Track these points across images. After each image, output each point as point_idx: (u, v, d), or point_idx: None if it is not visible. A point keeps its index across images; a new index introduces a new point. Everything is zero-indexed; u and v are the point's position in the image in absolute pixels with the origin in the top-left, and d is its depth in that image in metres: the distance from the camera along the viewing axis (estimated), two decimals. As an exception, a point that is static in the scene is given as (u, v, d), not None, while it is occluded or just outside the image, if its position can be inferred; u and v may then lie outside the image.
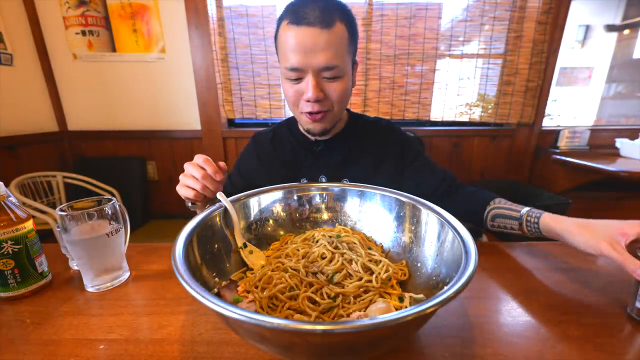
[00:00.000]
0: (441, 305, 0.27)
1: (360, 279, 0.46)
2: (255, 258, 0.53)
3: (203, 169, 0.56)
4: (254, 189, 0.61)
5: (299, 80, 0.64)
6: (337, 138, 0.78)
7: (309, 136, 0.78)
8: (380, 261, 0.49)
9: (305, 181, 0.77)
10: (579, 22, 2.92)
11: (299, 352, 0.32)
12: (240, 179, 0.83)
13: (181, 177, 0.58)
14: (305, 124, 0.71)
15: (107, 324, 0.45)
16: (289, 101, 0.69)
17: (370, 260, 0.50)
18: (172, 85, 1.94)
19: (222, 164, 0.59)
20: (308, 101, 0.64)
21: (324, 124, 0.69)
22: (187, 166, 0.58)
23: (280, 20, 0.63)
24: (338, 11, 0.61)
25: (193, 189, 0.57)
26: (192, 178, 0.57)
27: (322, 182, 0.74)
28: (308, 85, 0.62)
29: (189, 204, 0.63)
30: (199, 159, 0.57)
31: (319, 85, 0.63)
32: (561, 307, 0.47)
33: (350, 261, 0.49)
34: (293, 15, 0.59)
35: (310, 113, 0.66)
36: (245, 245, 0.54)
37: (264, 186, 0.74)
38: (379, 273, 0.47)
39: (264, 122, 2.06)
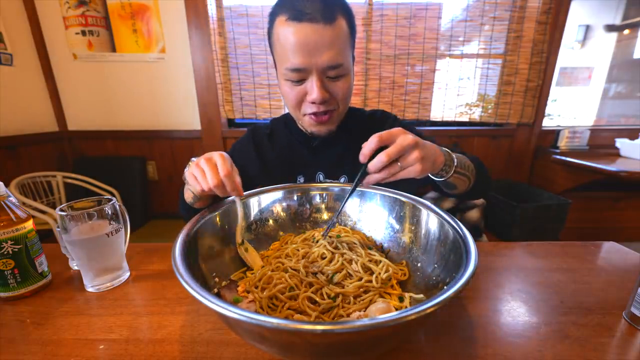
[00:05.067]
0: (441, 306, 0.27)
1: (360, 279, 0.46)
2: (251, 256, 0.53)
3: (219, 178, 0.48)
4: (246, 180, 0.54)
5: (300, 81, 0.60)
6: (334, 133, 0.73)
7: (306, 131, 0.74)
8: (380, 261, 0.49)
9: (302, 178, 0.75)
10: (579, 22, 2.91)
11: (299, 352, 0.32)
12: None
13: (194, 169, 0.50)
14: (309, 126, 0.67)
15: (107, 324, 0.45)
16: (289, 104, 0.65)
17: (370, 261, 0.50)
18: (172, 85, 1.94)
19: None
20: (313, 102, 0.61)
21: (330, 125, 0.67)
22: (204, 166, 0.48)
23: (274, 15, 0.58)
24: (337, 4, 0.57)
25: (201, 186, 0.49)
26: (203, 176, 0.48)
27: (319, 179, 0.74)
28: (313, 87, 0.58)
29: (190, 200, 0.60)
30: (222, 169, 0.47)
31: (323, 85, 0.59)
32: (561, 307, 0.47)
33: (350, 261, 0.49)
34: (292, 10, 0.55)
35: (315, 114, 0.63)
36: (242, 243, 0.53)
37: (259, 181, 0.74)
38: (379, 273, 0.47)
39: (264, 122, 2.06)
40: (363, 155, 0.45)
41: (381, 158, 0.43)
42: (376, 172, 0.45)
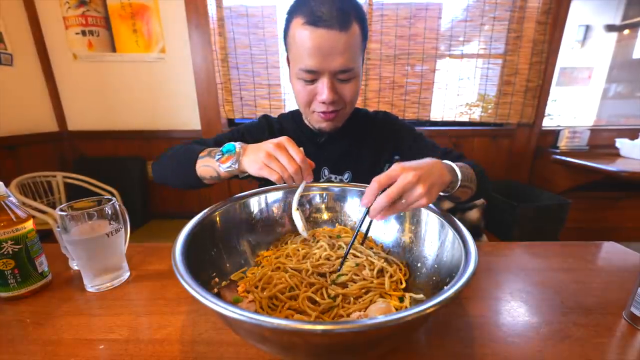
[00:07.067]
0: (441, 306, 0.27)
1: (363, 279, 0.46)
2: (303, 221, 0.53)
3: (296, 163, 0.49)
4: None
5: (312, 81, 0.64)
6: (340, 130, 0.77)
7: (313, 127, 0.78)
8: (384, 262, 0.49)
9: None
10: (579, 22, 2.91)
11: (299, 352, 0.32)
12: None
13: (263, 157, 0.50)
14: (316, 122, 0.71)
15: (107, 324, 0.45)
16: (300, 100, 0.68)
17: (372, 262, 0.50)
18: (172, 85, 1.94)
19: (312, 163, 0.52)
20: (323, 102, 0.64)
21: (336, 123, 0.71)
22: (277, 153, 0.49)
23: (291, 14, 0.61)
24: (353, 10, 0.59)
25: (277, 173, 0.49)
26: (279, 165, 0.49)
27: (324, 174, 0.77)
28: (323, 88, 0.62)
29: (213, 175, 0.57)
30: (297, 155, 0.49)
31: (333, 87, 0.63)
32: (561, 307, 0.47)
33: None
34: (309, 14, 0.57)
35: (323, 112, 0.67)
36: (297, 209, 0.53)
37: None
38: (390, 275, 0.47)
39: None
40: (366, 200, 0.44)
41: (381, 200, 0.42)
42: (379, 214, 0.44)
